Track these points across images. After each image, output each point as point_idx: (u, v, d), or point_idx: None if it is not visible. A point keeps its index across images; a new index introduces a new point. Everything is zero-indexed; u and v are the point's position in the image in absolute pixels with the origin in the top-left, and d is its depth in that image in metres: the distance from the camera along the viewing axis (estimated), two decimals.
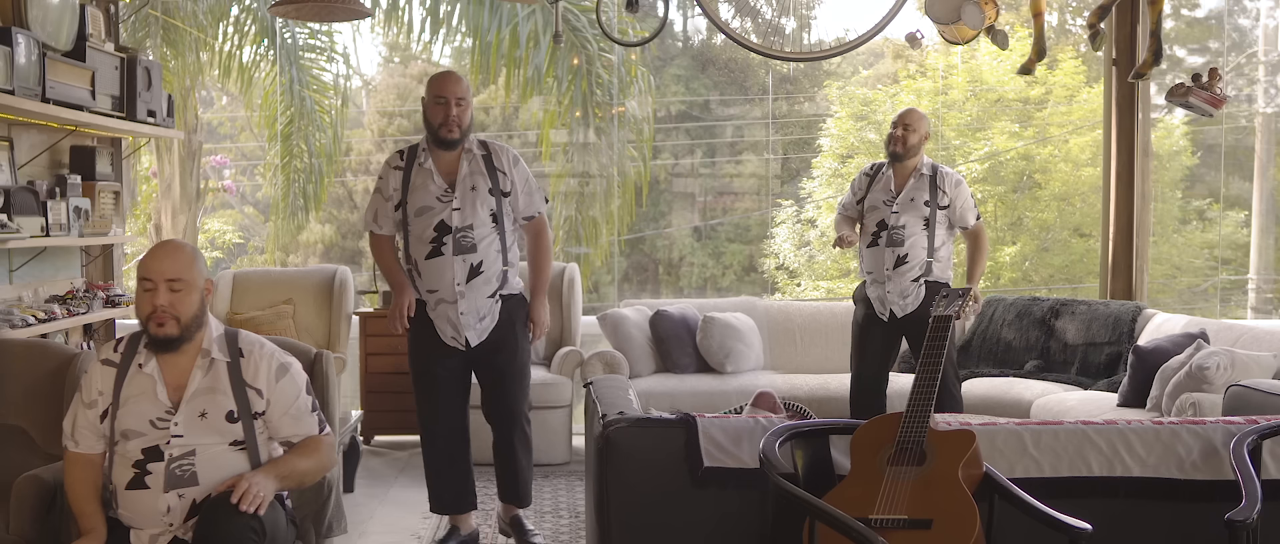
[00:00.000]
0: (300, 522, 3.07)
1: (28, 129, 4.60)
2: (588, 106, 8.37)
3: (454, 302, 4.00)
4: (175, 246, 2.81)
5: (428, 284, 4.04)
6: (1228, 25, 14.95)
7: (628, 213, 9.02)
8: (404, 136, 16.47)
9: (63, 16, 4.33)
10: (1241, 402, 3.71)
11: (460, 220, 3.97)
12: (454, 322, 4.02)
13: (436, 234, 3.98)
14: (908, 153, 5.00)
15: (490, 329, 4.06)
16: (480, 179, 4.01)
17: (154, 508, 2.73)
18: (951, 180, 5.06)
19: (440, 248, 3.98)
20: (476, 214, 3.98)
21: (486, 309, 4.05)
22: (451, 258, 3.97)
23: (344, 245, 16.48)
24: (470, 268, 3.99)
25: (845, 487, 2.83)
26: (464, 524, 4.31)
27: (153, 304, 2.73)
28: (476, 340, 4.05)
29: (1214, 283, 13.62)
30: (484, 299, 4.03)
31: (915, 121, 5.02)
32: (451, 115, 3.96)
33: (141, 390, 2.78)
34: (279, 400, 2.84)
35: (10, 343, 3.52)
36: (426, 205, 4.00)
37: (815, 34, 14.15)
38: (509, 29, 8.04)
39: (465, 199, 3.98)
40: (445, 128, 3.97)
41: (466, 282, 3.99)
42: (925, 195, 5.00)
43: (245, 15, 8.60)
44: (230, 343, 2.85)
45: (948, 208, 5.02)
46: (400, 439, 6.43)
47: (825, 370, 6.20)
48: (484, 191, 4.00)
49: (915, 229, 5.00)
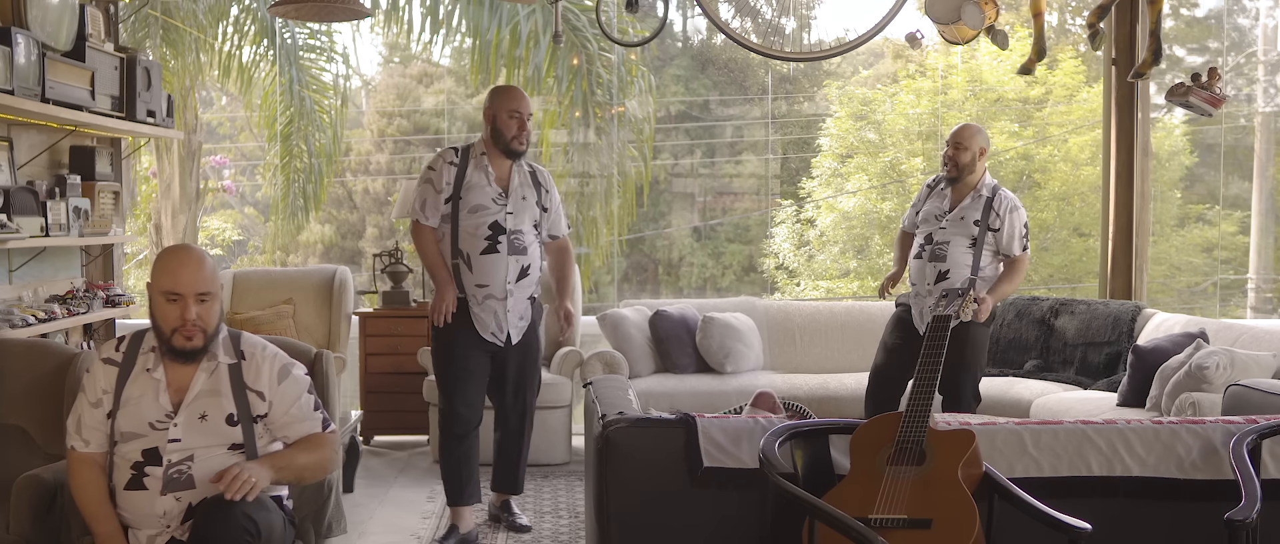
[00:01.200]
0: (300, 522, 3.07)
1: (27, 129, 4.60)
2: (588, 106, 8.37)
3: (504, 298, 4.27)
4: (197, 257, 2.78)
5: (478, 279, 4.27)
6: (1227, 25, 14.96)
7: (627, 213, 9.02)
8: (403, 137, 16.47)
9: (62, 16, 4.33)
10: (1241, 401, 3.71)
11: (513, 224, 4.28)
12: (500, 317, 4.29)
13: (491, 232, 4.25)
14: (962, 172, 4.84)
15: (524, 329, 4.37)
16: (530, 192, 4.36)
17: (151, 510, 2.73)
18: (1008, 205, 4.85)
19: (496, 246, 4.26)
20: (524, 221, 4.32)
21: (525, 309, 4.37)
22: (506, 256, 4.26)
23: (344, 245, 16.47)
24: (521, 269, 4.30)
25: (845, 487, 2.83)
26: (463, 522, 4.36)
27: (182, 318, 2.71)
28: (517, 337, 4.35)
29: (1213, 283, 13.62)
30: (524, 300, 4.35)
31: (967, 139, 4.84)
32: (525, 130, 4.31)
33: (143, 392, 2.78)
34: (282, 402, 2.84)
35: (10, 343, 3.52)
36: (481, 204, 4.26)
37: (815, 34, 14.14)
38: (509, 29, 8.04)
39: (517, 206, 4.31)
40: (518, 140, 4.30)
41: (516, 281, 4.29)
42: (977, 215, 4.83)
43: (245, 15, 8.60)
44: (233, 345, 2.84)
45: (997, 231, 4.83)
46: (400, 439, 6.43)
47: (825, 370, 6.20)
48: (532, 203, 4.35)
49: (960, 246, 4.85)
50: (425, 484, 5.40)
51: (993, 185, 4.91)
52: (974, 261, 4.85)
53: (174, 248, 2.87)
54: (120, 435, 2.77)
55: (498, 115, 4.32)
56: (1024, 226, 4.88)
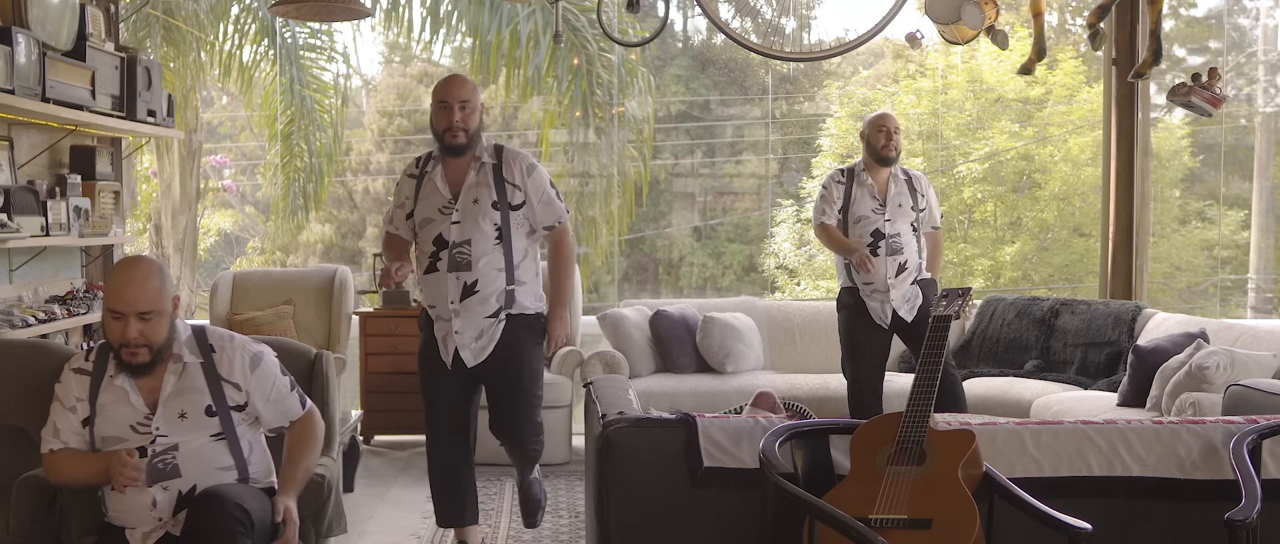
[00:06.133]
0: (300, 521, 3.07)
1: (28, 129, 4.60)
2: (588, 106, 8.37)
3: (449, 319, 3.84)
4: (143, 273, 2.73)
5: (428, 300, 3.91)
6: (1227, 25, 14.95)
7: (627, 213, 9.02)
8: (404, 137, 16.48)
9: (63, 16, 4.33)
10: (1241, 401, 3.71)
11: (458, 235, 3.80)
12: (444, 341, 3.87)
13: (434, 248, 3.85)
14: (898, 155, 5.02)
15: (488, 350, 3.86)
16: (484, 191, 3.82)
17: (141, 504, 2.74)
18: (924, 181, 5.13)
19: (436, 263, 3.84)
20: (477, 229, 3.80)
21: (484, 328, 3.85)
22: (445, 275, 3.82)
23: (344, 245, 16.48)
24: (464, 286, 3.81)
25: (845, 487, 2.83)
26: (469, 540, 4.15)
27: (124, 336, 2.71)
28: (473, 361, 3.86)
29: (1214, 282, 13.62)
30: (481, 319, 3.83)
31: (896, 123, 5.04)
32: (455, 120, 3.78)
33: (116, 399, 2.80)
34: (258, 388, 2.86)
35: (10, 343, 3.51)
36: (428, 217, 3.87)
37: (815, 34, 14.15)
38: (509, 29, 8.04)
39: (466, 212, 3.81)
40: (450, 134, 3.80)
41: (461, 300, 3.81)
42: (907, 199, 5.02)
43: (245, 15, 8.60)
44: (200, 341, 2.85)
45: (924, 210, 5.08)
46: (400, 439, 6.43)
47: (825, 370, 6.19)
48: (486, 205, 3.81)
49: (907, 234, 5.01)
50: (425, 484, 5.34)
51: (902, 166, 5.11)
52: (917, 243, 5.03)
53: (123, 263, 2.84)
54: (102, 441, 2.79)
55: (431, 109, 3.87)
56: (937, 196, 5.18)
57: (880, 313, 5.02)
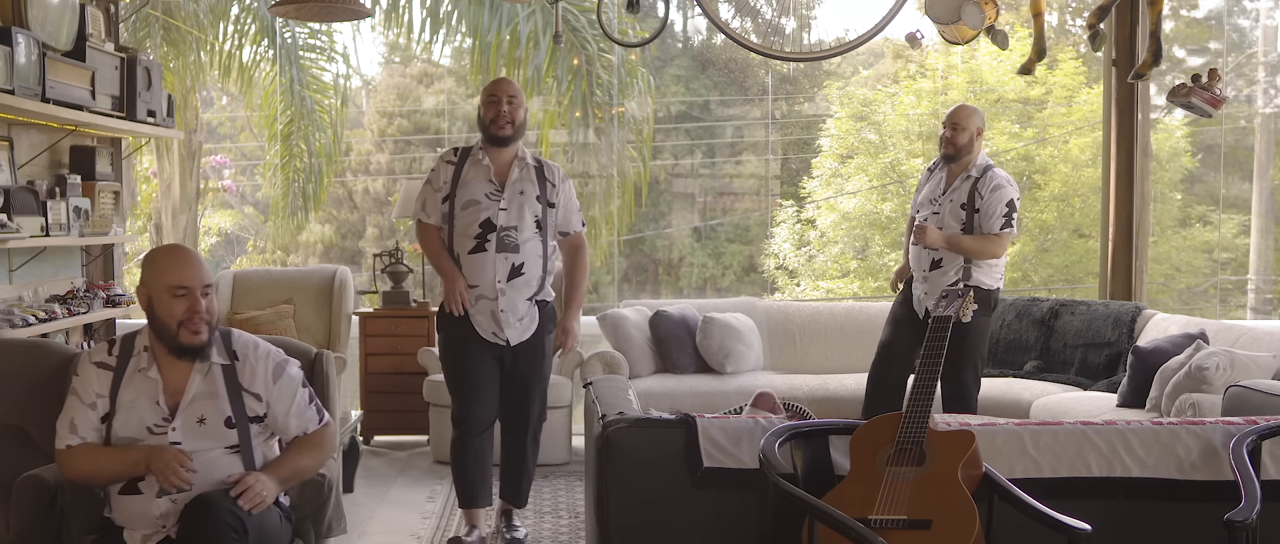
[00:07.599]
0: (300, 521, 3.07)
1: (28, 129, 4.60)
2: (587, 107, 8.37)
3: (495, 298, 4.11)
4: (194, 253, 2.84)
5: (470, 279, 4.14)
6: (1227, 25, 14.96)
7: (627, 213, 9.01)
8: (404, 137, 16.48)
9: (63, 16, 4.33)
10: (1241, 402, 3.71)
11: (505, 220, 4.11)
12: (496, 318, 4.13)
13: (481, 230, 4.11)
14: (959, 153, 4.81)
15: (531, 330, 4.19)
16: (529, 185, 4.17)
17: (147, 512, 2.73)
18: (991, 184, 4.75)
19: (484, 244, 4.11)
20: (522, 217, 4.13)
21: (525, 311, 4.17)
22: (494, 255, 4.10)
23: (344, 245, 16.48)
24: (512, 267, 4.12)
25: (845, 487, 2.84)
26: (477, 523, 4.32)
27: (192, 310, 2.72)
28: (517, 339, 4.17)
29: (1213, 283, 13.62)
30: (523, 301, 4.16)
31: (964, 119, 4.80)
32: (502, 111, 4.13)
33: (139, 395, 2.77)
34: (279, 401, 2.85)
35: (10, 343, 3.52)
36: (474, 200, 4.13)
37: (815, 34, 14.14)
38: (509, 29, 8.04)
39: (513, 201, 4.13)
40: (496, 125, 4.13)
41: (508, 280, 4.12)
42: (964, 198, 4.80)
43: (245, 15, 8.60)
44: (225, 344, 2.84)
45: (979, 211, 4.77)
46: (400, 439, 6.43)
47: (825, 370, 6.20)
48: (531, 197, 4.15)
49: (951, 230, 4.80)
50: (425, 484, 5.40)
51: (984, 166, 4.83)
52: None
53: (171, 246, 2.92)
54: (117, 440, 2.77)
55: (481, 105, 4.24)
56: (1006, 206, 4.74)
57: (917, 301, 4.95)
